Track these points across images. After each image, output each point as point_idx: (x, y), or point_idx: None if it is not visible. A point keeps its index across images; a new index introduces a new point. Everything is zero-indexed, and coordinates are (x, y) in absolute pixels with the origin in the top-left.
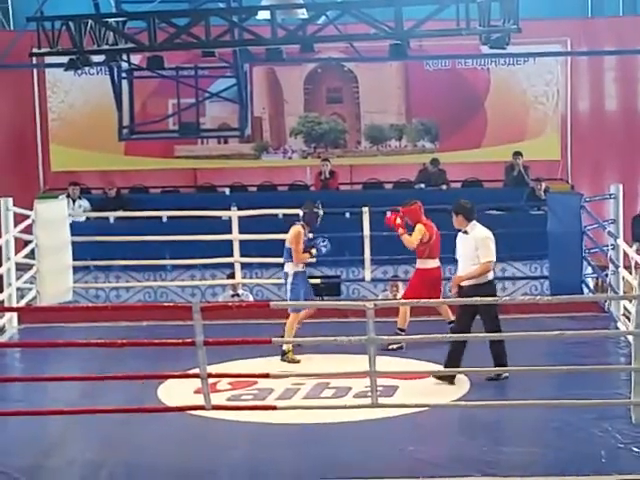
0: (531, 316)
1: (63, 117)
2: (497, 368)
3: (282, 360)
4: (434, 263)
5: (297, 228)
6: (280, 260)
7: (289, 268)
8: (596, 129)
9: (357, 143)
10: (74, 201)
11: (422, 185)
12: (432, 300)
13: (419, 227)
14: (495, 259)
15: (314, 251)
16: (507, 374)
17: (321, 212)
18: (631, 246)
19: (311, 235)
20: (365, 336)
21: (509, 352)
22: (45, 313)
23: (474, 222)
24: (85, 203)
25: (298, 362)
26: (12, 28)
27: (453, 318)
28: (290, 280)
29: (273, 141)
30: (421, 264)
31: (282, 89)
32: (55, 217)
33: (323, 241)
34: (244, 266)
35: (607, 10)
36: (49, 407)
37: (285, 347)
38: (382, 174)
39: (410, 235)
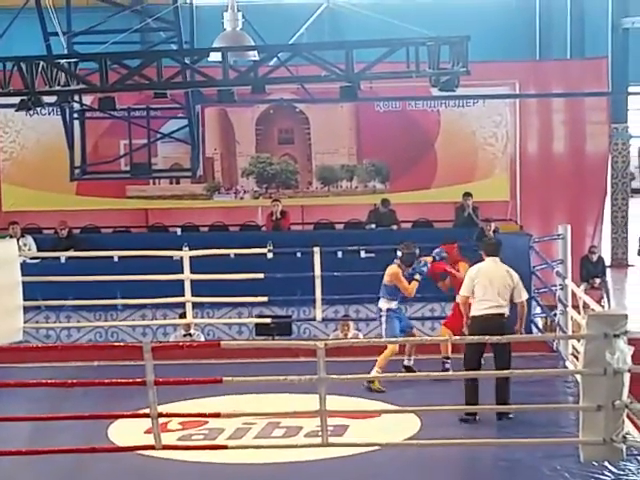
0: None
1: (15, 157)
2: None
3: (367, 389)
4: None
5: (394, 268)
6: (232, 300)
7: (383, 304)
8: (544, 170)
9: (308, 184)
10: (18, 240)
11: (373, 225)
12: (383, 339)
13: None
14: None
15: (418, 276)
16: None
17: (417, 251)
18: (579, 286)
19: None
20: (316, 375)
21: (458, 392)
22: None
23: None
24: (29, 240)
25: (383, 392)
26: None
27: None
28: (384, 317)
29: (225, 181)
30: None
31: (234, 130)
32: (5, 257)
33: (421, 264)
34: (196, 306)
35: (555, 53)
36: None
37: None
38: (333, 214)
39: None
